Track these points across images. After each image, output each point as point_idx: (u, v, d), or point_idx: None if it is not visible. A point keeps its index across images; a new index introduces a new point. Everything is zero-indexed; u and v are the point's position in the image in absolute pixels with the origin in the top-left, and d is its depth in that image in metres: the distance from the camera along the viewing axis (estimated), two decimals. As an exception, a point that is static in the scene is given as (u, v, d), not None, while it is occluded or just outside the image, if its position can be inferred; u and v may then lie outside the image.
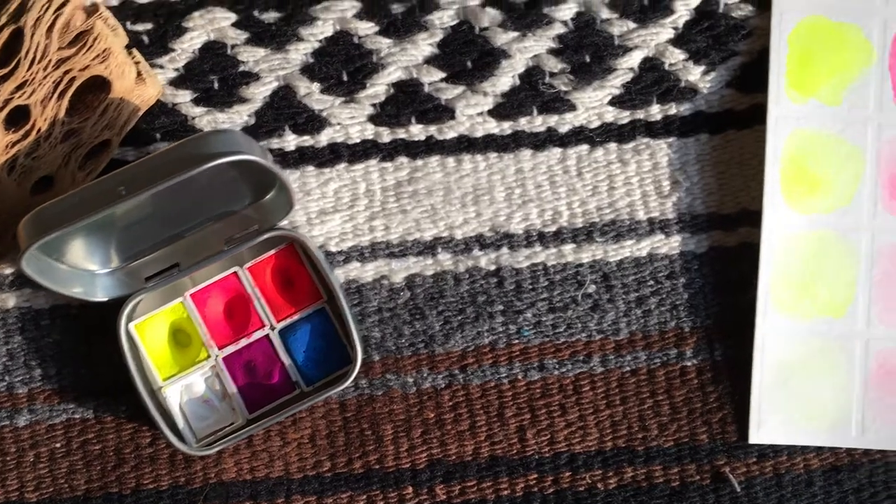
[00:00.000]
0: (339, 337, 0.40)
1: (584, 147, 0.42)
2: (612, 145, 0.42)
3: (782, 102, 0.41)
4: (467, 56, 0.41)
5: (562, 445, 0.41)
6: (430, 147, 0.41)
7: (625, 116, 0.41)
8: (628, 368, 0.41)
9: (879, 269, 0.41)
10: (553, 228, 0.41)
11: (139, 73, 0.37)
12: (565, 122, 0.41)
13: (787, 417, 0.41)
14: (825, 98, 0.41)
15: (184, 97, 0.40)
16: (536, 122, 0.41)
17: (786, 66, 0.41)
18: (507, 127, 0.41)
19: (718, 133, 0.42)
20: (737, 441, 0.41)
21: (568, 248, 0.41)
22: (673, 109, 0.41)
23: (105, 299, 0.39)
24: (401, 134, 0.41)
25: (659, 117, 0.41)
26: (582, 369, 0.41)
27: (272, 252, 0.39)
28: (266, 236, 0.39)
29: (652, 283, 0.41)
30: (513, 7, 0.41)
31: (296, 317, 0.40)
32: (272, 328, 0.39)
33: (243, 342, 0.39)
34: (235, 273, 0.39)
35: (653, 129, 0.42)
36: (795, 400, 0.41)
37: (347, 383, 0.39)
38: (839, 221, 0.41)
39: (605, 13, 0.41)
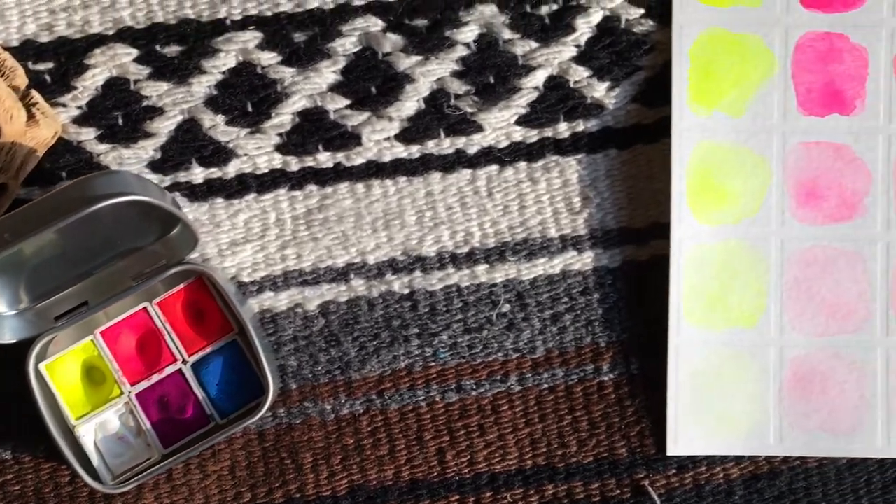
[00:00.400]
0: (252, 368, 0.39)
1: (494, 167, 0.41)
2: (522, 164, 0.42)
3: (686, 116, 0.41)
4: (371, 82, 0.41)
5: (482, 466, 0.41)
6: (338, 174, 0.41)
7: (533, 135, 0.41)
8: (546, 386, 0.41)
9: (789, 276, 0.41)
10: (465, 250, 0.41)
11: (32, 115, 0.37)
12: (473, 144, 0.41)
13: (705, 428, 0.41)
14: (729, 109, 0.41)
15: (88, 134, 0.40)
16: (444, 145, 0.41)
17: (688, 80, 0.41)
18: (415, 150, 0.41)
19: (627, 148, 0.42)
20: (655, 454, 0.41)
21: (481, 268, 0.41)
22: (580, 126, 0.41)
23: (13, 341, 0.38)
24: (309, 162, 0.41)
25: (567, 134, 0.41)
26: (500, 389, 0.41)
27: (181, 286, 0.39)
28: (173, 271, 0.39)
29: (566, 299, 0.41)
30: (414, 31, 0.41)
31: (208, 350, 0.39)
32: (184, 362, 0.39)
33: (156, 378, 0.39)
34: (145, 308, 0.39)
35: (561, 147, 0.42)
36: (712, 410, 0.41)
37: (259, 415, 0.38)
38: (748, 231, 0.41)
39: (507, 34, 0.41)
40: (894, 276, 0.41)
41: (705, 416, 0.41)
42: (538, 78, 0.41)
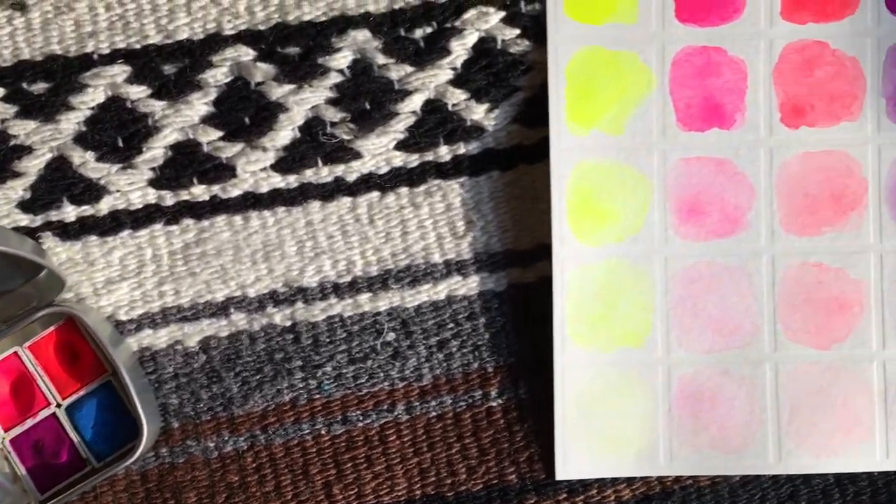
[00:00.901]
0: (128, 409, 0.38)
1: (375, 194, 0.41)
2: (404, 190, 0.41)
3: (564, 136, 0.40)
4: (244, 112, 0.40)
5: (370, 498, 0.40)
6: (215, 207, 0.40)
7: (413, 160, 0.41)
8: (434, 414, 0.40)
9: (675, 294, 0.40)
10: (348, 279, 0.41)
11: None
12: (353, 171, 0.41)
13: (594, 451, 0.40)
14: (608, 128, 0.40)
15: (-46, 177, 0.39)
16: (323, 173, 0.40)
17: (565, 100, 0.40)
18: (292, 180, 0.40)
19: (509, 169, 0.41)
20: (545, 479, 0.40)
21: (364, 297, 0.41)
22: (462, 149, 0.41)
23: None
24: (184, 196, 0.40)
25: (448, 158, 0.41)
26: (387, 419, 0.40)
27: (52, 329, 0.38)
28: (42, 314, 0.38)
29: (452, 325, 0.41)
30: (287, 60, 0.40)
31: (82, 392, 0.38)
32: (58, 406, 0.38)
33: (29, 422, 0.38)
34: (16, 352, 0.38)
35: (443, 171, 0.41)
36: (600, 432, 0.40)
37: (135, 457, 0.37)
38: (631, 250, 0.40)
39: (382, 59, 0.40)
40: (780, 290, 0.40)
41: (594, 438, 0.40)
42: (415, 102, 0.40)
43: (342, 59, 0.40)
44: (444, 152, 0.41)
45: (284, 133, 0.40)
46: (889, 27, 0.40)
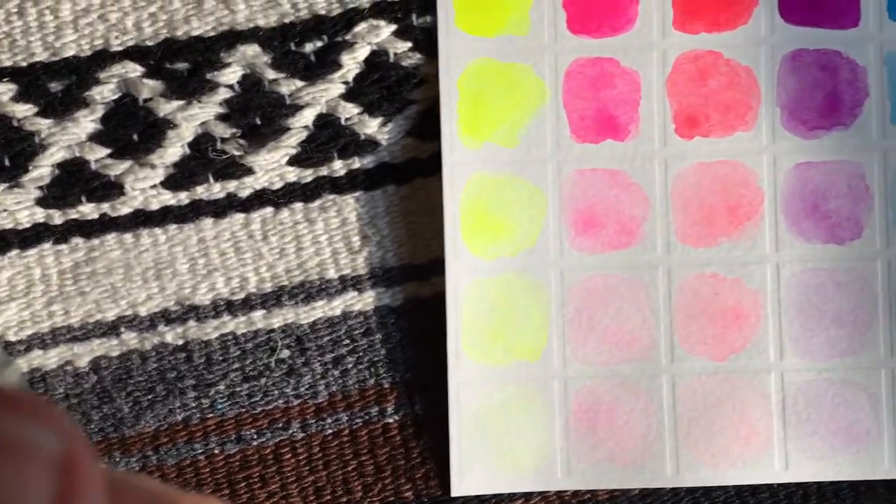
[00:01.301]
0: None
1: (269, 210, 0.40)
2: (298, 205, 0.40)
3: (456, 149, 0.40)
4: (132, 129, 0.39)
5: (264, 517, 0.39)
6: (104, 225, 0.39)
7: (307, 175, 0.40)
8: (330, 431, 0.40)
9: (571, 307, 0.40)
10: (241, 296, 0.40)
11: None
12: (245, 187, 0.40)
13: (490, 466, 0.40)
14: (501, 140, 0.40)
15: None
16: (215, 190, 0.40)
17: (458, 113, 0.40)
18: (184, 197, 0.40)
19: (405, 183, 0.40)
20: (441, 495, 0.40)
21: (258, 314, 0.40)
22: (356, 163, 0.40)
23: None
24: (72, 214, 0.39)
25: (343, 172, 0.40)
26: (282, 437, 0.40)
27: (-66, 352, 0.38)
28: (-77, 337, 0.37)
29: (348, 341, 0.40)
30: (175, 75, 0.39)
31: (-34, 416, 0.38)
32: (-58, 430, 0.37)
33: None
34: None
35: (338, 185, 0.40)
36: (497, 448, 0.40)
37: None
38: (526, 263, 0.40)
39: (272, 74, 0.39)
40: (676, 302, 0.40)
41: (490, 453, 0.40)
42: (307, 117, 0.40)
43: (231, 75, 0.39)
44: (338, 167, 0.40)
45: (174, 150, 0.39)
46: (782, 36, 0.40)
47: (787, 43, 0.40)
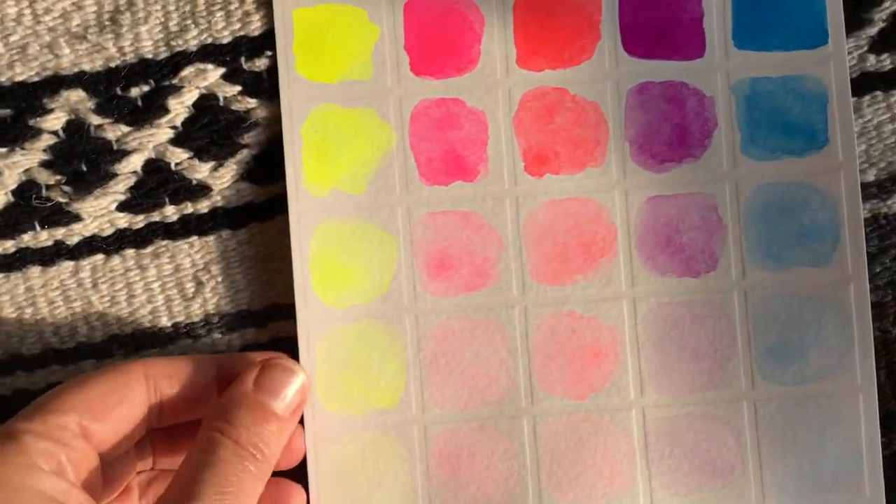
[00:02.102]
0: None
1: (100, 257, 0.39)
2: (130, 251, 0.40)
3: (303, 198, 0.38)
4: (-47, 180, 0.38)
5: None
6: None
7: (139, 221, 0.39)
8: (184, 487, 0.38)
9: (427, 351, 0.39)
10: (71, 345, 0.39)
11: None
12: (74, 234, 0.39)
13: (349, 518, 0.38)
14: (348, 187, 0.39)
15: None
16: (42, 238, 0.39)
17: (302, 161, 0.39)
18: (10, 245, 0.39)
19: (240, 228, 0.40)
20: (302, 549, 0.38)
21: (88, 363, 0.39)
22: (189, 209, 0.39)
23: None
24: None
25: (175, 218, 0.39)
26: (137, 496, 0.38)
27: None
28: None
29: (189, 392, 0.39)
30: (-3, 122, 0.39)
31: None
32: None
33: None
34: None
35: (171, 231, 0.39)
36: (358, 498, 0.38)
37: None
38: (380, 310, 0.39)
39: (97, 119, 0.39)
40: (534, 341, 0.39)
41: (352, 503, 0.38)
42: (134, 162, 0.39)
43: (55, 121, 0.39)
44: (170, 212, 0.39)
45: None
46: (627, 69, 0.39)
47: (633, 76, 0.39)
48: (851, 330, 0.38)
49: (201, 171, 0.39)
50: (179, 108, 0.39)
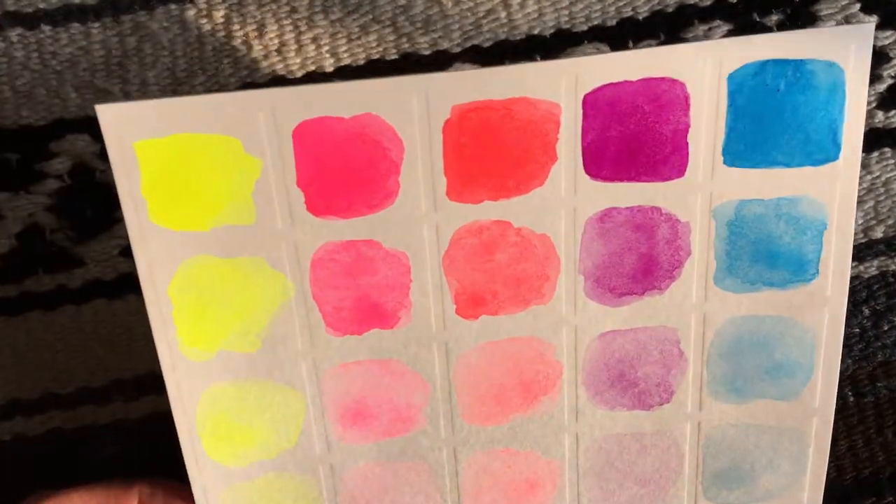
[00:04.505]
0: None
1: (101, 301, 0.35)
2: (132, 297, 0.35)
3: (180, 365, 0.30)
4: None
5: None
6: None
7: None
8: None
9: (346, 495, 0.33)
10: (70, 390, 0.35)
11: None
12: (76, 278, 0.34)
13: None
14: (238, 346, 0.30)
15: None
16: (45, 282, 0.34)
17: (175, 325, 0.29)
18: (11, 289, 0.34)
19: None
20: None
21: (87, 409, 0.35)
22: None
23: None
24: None
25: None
26: None
27: None
28: None
29: None
30: (3, 165, 0.33)
31: None
32: None
33: None
34: None
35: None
36: None
37: None
38: (289, 462, 0.32)
39: (102, 164, 0.33)
40: (465, 479, 0.33)
41: None
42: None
43: (60, 165, 0.33)
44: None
45: (1, 242, 0.34)
46: (587, 195, 0.29)
47: (594, 203, 0.29)
48: (807, 459, 0.34)
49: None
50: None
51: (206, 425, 0.31)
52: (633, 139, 0.29)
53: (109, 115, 0.26)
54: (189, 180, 0.28)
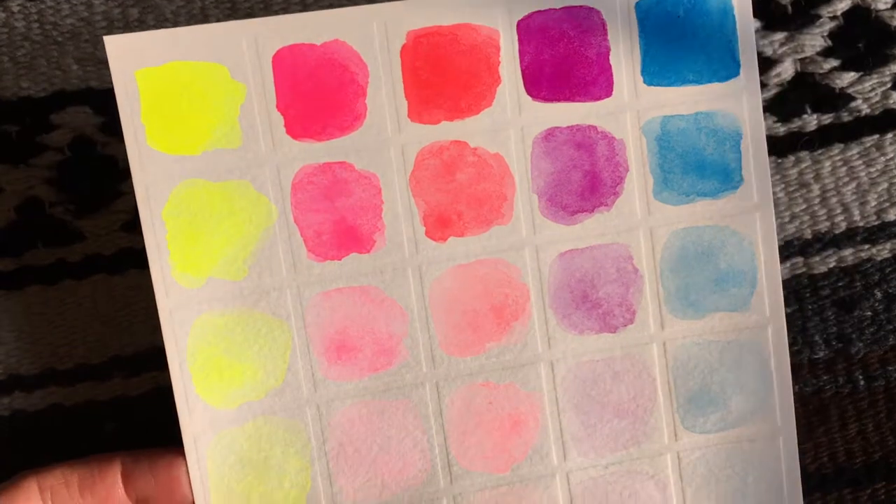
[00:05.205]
0: None
1: (101, 276, 0.35)
2: (133, 272, 0.35)
3: (173, 292, 0.32)
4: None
5: None
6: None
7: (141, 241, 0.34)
8: None
9: (333, 442, 0.34)
10: (69, 366, 0.35)
11: None
12: (76, 252, 0.35)
13: None
14: (227, 273, 0.32)
15: None
16: (44, 256, 0.35)
17: (168, 249, 0.31)
18: (10, 263, 0.34)
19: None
20: None
21: (87, 385, 0.35)
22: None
23: None
24: None
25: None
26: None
27: None
28: None
29: None
30: (2, 137, 0.34)
31: None
32: None
33: None
34: None
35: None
36: None
37: None
38: (276, 404, 0.33)
39: (103, 137, 0.34)
40: (449, 418, 0.34)
41: None
42: None
43: (61, 137, 0.34)
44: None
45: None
46: (531, 115, 0.33)
47: (538, 122, 0.33)
48: (770, 373, 0.36)
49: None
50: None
51: (197, 359, 0.32)
52: (564, 62, 0.34)
53: (115, 46, 0.31)
54: (182, 106, 0.31)
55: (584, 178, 0.35)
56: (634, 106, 0.35)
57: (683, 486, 0.37)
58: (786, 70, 0.37)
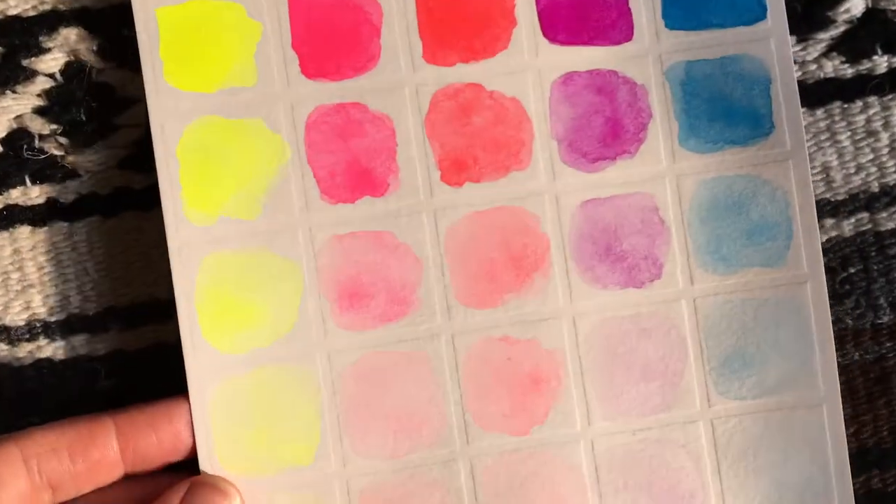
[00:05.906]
0: None
1: (96, 218, 0.33)
2: (129, 214, 0.33)
3: (183, 228, 0.31)
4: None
5: None
6: None
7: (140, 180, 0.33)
8: None
9: (344, 395, 0.32)
10: (62, 316, 0.33)
11: None
12: (69, 191, 0.33)
13: None
14: (239, 211, 0.32)
15: None
16: (33, 194, 0.33)
17: (181, 185, 0.31)
18: None
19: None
20: None
21: (79, 338, 0.33)
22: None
23: None
24: None
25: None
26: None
27: None
28: None
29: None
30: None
31: None
32: None
33: None
34: None
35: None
36: (273, 573, 0.31)
37: None
38: (284, 352, 0.32)
39: (99, 62, 0.32)
40: (465, 373, 0.32)
41: (266, 580, 0.31)
42: None
43: (53, 62, 0.32)
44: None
45: None
46: (549, 59, 0.32)
47: (556, 66, 0.33)
48: (811, 335, 0.33)
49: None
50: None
51: (205, 298, 0.32)
52: (581, 4, 0.33)
53: (135, -17, 0.31)
54: (199, 44, 0.32)
55: (605, 125, 0.34)
56: (656, 50, 0.34)
57: (718, 457, 0.34)
58: (855, 5, 0.35)
